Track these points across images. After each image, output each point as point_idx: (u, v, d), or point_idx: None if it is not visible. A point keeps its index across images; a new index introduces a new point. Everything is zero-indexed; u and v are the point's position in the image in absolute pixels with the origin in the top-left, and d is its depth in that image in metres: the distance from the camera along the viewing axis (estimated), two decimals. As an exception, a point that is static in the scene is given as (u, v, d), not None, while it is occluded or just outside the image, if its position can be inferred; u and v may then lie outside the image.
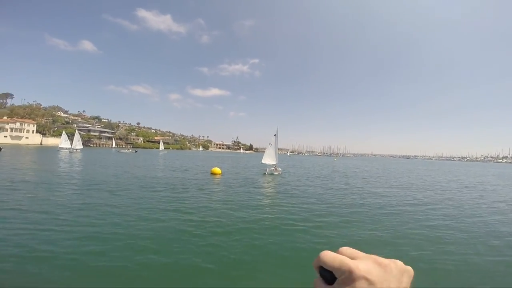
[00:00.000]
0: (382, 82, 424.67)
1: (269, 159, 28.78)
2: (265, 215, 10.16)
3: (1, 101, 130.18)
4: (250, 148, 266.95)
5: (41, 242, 6.57)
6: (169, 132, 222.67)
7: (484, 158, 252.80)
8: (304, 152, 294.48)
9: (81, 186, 15.02)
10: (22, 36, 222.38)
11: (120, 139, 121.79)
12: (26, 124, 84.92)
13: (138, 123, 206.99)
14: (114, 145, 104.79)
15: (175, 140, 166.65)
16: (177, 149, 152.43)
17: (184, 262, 5.93)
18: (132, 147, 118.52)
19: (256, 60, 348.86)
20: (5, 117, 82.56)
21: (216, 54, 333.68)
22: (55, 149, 60.30)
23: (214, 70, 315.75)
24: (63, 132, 64.90)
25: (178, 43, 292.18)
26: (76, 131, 68.83)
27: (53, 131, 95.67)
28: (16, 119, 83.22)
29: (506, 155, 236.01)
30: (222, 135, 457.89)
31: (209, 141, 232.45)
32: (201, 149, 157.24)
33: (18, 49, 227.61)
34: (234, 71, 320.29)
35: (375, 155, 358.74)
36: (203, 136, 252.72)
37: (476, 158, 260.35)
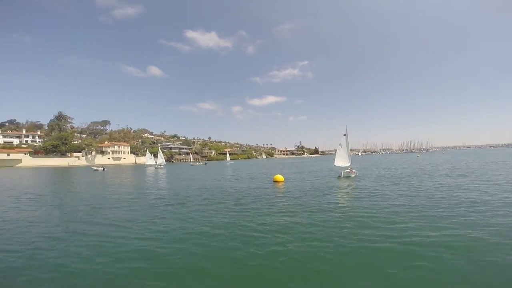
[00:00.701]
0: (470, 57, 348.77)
1: (341, 161, 27.23)
2: (343, 230, 8.90)
3: (102, 127, 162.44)
4: (316, 151, 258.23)
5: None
6: (237, 143, 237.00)
7: None
8: (378, 150, 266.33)
9: (161, 198, 16.72)
10: (100, 67, 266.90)
11: (196, 153, 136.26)
12: (122, 147, 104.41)
13: (209, 138, 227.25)
14: (191, 159, 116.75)
15: (242, 151, 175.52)
16: (244, 159, 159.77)
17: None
18: (207, 160, 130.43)
19: (306, 62, 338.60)
20: (106, 142, 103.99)
21: (264, 62, 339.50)
22: (144, 166, 70.25)
23: (266, 78, 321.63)
24: (147, 152, 77.69)
25: (228, 57, 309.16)
26: (159, 149, 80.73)
27: (143, 151, 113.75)
28: (115, 143, 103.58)
29: None
30: (284, 141, 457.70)
31: (273, 149, 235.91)
32: (264, 157, 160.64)
33: (99, 78, 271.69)
34: (285, 76, 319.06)
35: (468, 147, 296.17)
36: (267, 144, 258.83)
37: None
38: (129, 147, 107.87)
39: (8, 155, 76.88)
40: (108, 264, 6.42)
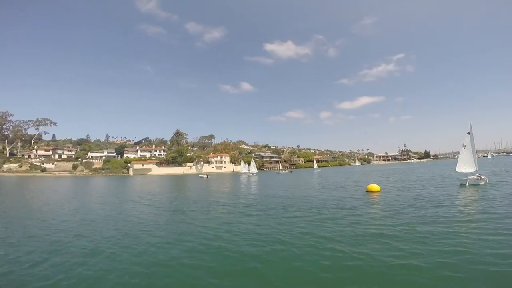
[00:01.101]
0: None
1: (465, 165, 22.91)
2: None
3: (208, 141, 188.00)
4: (426, 155, 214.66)
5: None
6: (327, 150, 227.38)
7: None
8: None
9: (249, 205, 17.84)
10: (204, 88, 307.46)
11: (285, 161, 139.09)
12: (223, 157, 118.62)
13: (298, 146, 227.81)
14: (280, 167, 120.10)
15: (333, 157, 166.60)
16: (335, 165, 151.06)
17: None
18: (295, 168, 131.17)
19: (401, 55, 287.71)
20: (211, 153, 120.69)
21: (349, 62, 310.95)
22: (239, 175, 77.75)
23: (356, 78, 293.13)
24: (241, 161, 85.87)
25: (310, 63, 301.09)
26: (252, 159, 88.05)
27: (239, 161, 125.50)
28: (218, 154, 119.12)
29: None
30: (385, 146, 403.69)
31: (370, 154, 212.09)
32: (358, 163, 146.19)
33: (205, 98, 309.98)
34: (379, 73, 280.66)
35: None
36: (362, 150, 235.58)
37: None
38: (228, 157, 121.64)
39: (143, 165, 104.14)
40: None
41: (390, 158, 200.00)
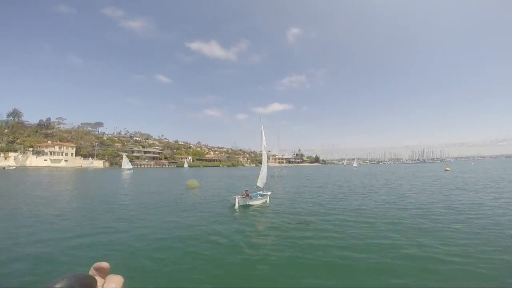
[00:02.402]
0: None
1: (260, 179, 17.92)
2: None
3: (91, 129, 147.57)
4: (316, 160, 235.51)
5: None
6: (231, 149, 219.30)
7: None
8: (386, 160, 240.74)
9: None
10: (112, 74, 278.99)
11: (166, 158, 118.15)
12: (65, 147, 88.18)
13: (198, 142, 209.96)
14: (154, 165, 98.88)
15: (227, 157, 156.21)
16: (227, 166, 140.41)
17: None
18: (176, 166, 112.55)
19: (311, 70, 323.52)
20: (49, 142, 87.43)
21: (267, 70, 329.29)
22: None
23: (270, 86, 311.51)
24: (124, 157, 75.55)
25: (232, 66, 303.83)
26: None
27: (97, 153, 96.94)
28: (56, 143, 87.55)
29: None
30: (287, 149, 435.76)
31: (269, 156, 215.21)
32: (252, 165, 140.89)
33: (112, 83, 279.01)
34: (290, 83, 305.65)
35: (483, 157, 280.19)
36: (269, 151, 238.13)
37: None
38: (74, 148, 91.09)
39: None
40: None
41: (285, 160, 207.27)
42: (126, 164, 73.80)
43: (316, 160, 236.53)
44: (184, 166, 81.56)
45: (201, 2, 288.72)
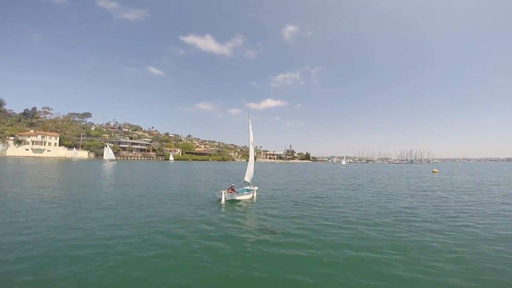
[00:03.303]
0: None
1: (248, 175, 17.23)
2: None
3: (79, 119, 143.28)
4: (307, 157, 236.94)
5: None
6: (222, 143, 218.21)
7: None
8: (375, 159, 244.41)
9: None
10: (104, 65, 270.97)
11: (154, 150, 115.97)
12: (48, 137, 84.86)
13: (189, 135, 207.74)
14: (141, 157, 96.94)
15: (217, 151, 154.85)
16: (217, 160, 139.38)
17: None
18: (164, 159, 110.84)
19: (306, 67, 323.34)
20: (31, 131, 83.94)
21: (262, 66, 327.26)
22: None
23: (264, 82, 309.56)
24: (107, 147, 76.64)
25: (227, 61, 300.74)
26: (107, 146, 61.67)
27: (82, 144, 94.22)
28: (38, 132, 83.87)
29: None
30: (279, 145, 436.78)
31: (258, 151, 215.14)
32: (243, 160, 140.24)
33: (102, 75, 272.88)
34: (284, 80, 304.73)
35: (468, 160, 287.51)
36: (260, 147, 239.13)
37: None
38: (58, 138, 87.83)
39: None
40: None
41: (276, 156, 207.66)
42: (108, 155, 72.42)
43: (307, 157, 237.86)
44: (170, 159, 79.84)
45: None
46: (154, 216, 10.90)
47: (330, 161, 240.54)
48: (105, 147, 79.82)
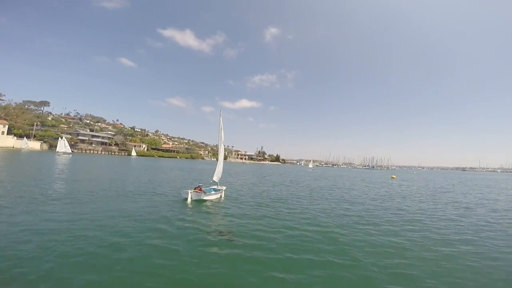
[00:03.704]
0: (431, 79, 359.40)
1: (216, 174, 16.82)
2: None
3: (36, 108, 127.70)
4: (277, 159, 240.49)
5: None
6: (192, 141, 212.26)
7: None
8: (340, 164, 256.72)
9: None
10: (72, 53, 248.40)
11: (116, 144, 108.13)
12: None
13: (157, 131, 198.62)
14: (102, 151, 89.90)
15: (186, 149, 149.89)
16: (185, 158, 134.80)
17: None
18: (127, 154, 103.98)
19: (283, 70, 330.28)
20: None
21: (240, 66, 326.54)
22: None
23: (241, 82, 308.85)
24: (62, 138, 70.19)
25: (203, 58, 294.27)
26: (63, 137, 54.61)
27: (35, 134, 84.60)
28: None
29: None
30: (252, 146, 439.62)
31: (229, 151, 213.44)
32: (213, 158, 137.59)
33: (69, 63, 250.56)
34: (261, 81, 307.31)
35: (422, 167, 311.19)
36: (232, 146, 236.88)
37: None
38: (5, 126, 77.64)
39: None
40: None
41: (247, 157, 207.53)
42: (63, 147, 65.96)
43: (277, 159, 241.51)
44: (132, 154, 75.09)
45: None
46: (101, 213, 9.62)
47: (298, 163, 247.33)
48: (60, 138, 72.63)
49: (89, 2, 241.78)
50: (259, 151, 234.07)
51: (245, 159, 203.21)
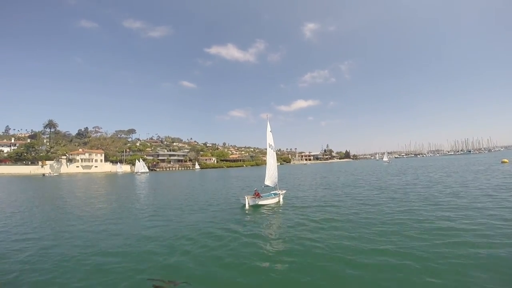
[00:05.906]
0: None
1: (269, 178, 16.40)
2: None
3: (125, 136, 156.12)
4: (347, 155, 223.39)
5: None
6: (257, 148, 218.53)
7: None
8: (425, 152, 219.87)
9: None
10: (142, 83, 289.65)
11: (190, 160, 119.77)
12: (94, 154, 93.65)
13: (224, 143, 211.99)
14: (178, 167, 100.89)
15: (251, 157, 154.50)
16: (251, 165, 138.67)
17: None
18: (200, 168, 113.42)
19: (335, 63, 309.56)
20: (80, 149, 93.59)
21: (288, 68, 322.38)
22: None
23: (291, 83, 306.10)
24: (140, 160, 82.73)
25: (252, 67, 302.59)
26: (140, 158, 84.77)
27: (125, 159, 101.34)
28: (86, 151, 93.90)
29: None
30: (316, 145, 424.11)
31: (292, 153, 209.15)
32: (278, 163, 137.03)
33: (142, 92, 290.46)
34: (313, 79, 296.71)
35: None
36: (295, 149, 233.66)
37: None
38: (102, 155, 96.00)
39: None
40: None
41: (312, 157, 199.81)
42: (140, 168, 76.57)
43: (346, 155, 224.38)
44: (196, 168, 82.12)
45: (210, 8, 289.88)
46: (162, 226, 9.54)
47: (373, 158, 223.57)
48: (137, 161, 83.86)
49: (138, 34, 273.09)
50: (324, 150, 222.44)
51: (309, 159, 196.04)
